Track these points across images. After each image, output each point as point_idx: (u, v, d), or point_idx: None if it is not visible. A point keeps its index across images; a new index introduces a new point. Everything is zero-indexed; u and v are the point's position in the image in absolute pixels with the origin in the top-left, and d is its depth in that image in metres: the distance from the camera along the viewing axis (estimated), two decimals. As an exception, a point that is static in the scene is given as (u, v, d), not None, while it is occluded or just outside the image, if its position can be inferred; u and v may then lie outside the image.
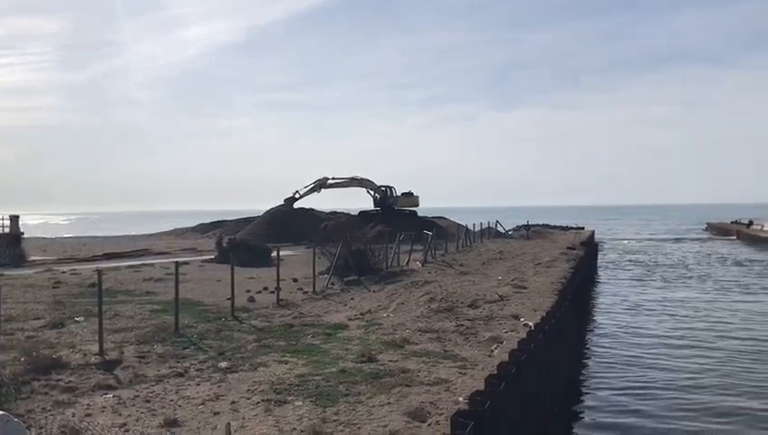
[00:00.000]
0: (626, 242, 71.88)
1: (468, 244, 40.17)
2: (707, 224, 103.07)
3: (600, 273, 41.64)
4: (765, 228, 70.49)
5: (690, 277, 37.60)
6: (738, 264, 45.39)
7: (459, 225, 46.51)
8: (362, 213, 54.29)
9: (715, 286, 33.45)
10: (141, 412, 8.05)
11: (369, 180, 58.42)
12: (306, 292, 19.56)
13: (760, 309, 26.25)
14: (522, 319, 14.69)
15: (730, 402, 13.93)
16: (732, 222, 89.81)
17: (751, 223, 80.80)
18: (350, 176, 58.37)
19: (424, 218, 53.78)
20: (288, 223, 50.78)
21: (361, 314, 15.58)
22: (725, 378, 15.72)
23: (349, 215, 48.11)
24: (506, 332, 13.39)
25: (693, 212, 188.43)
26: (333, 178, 57.50)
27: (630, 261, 48.44)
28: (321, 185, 56.81)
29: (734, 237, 75.37)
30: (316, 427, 7.36)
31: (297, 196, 56.90)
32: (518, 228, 58.35)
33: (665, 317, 24.36)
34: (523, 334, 11.78)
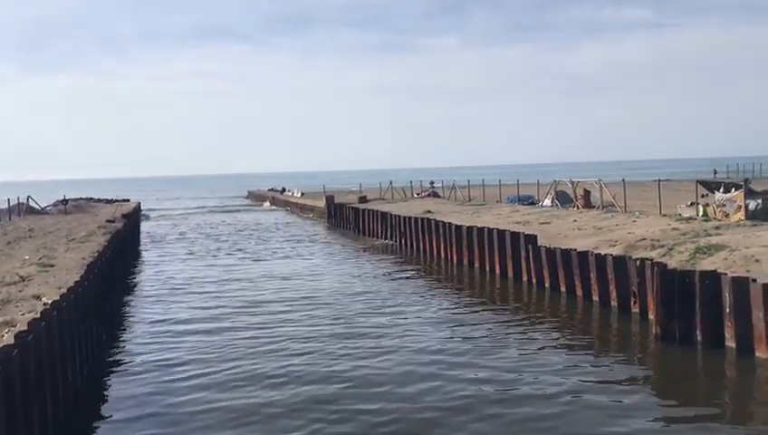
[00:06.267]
0: (176, 214, 72.97)
1: (-7, 223, 35.87)
2: (248, 192, 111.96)
3: (144, 245, 41.55)
4: (296, 194, 79.38)
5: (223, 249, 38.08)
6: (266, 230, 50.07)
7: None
8: None
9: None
10: None
11: None
12: None
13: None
14: (44, 299, 13.91)
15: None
16: (269, 190, 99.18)
17: (284, 190, 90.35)
18: None
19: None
20: None
21: None
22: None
23: None
24: (23, 314, 12.54)
25: (234, 181, 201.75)
26: None
27: (179, 234, 49.09)
28: None
29: (267, 203, 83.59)
30: None
31: None
32: (56, 203, 54.36)
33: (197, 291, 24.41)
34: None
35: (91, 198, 70.53)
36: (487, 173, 68.73)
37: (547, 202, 36.47)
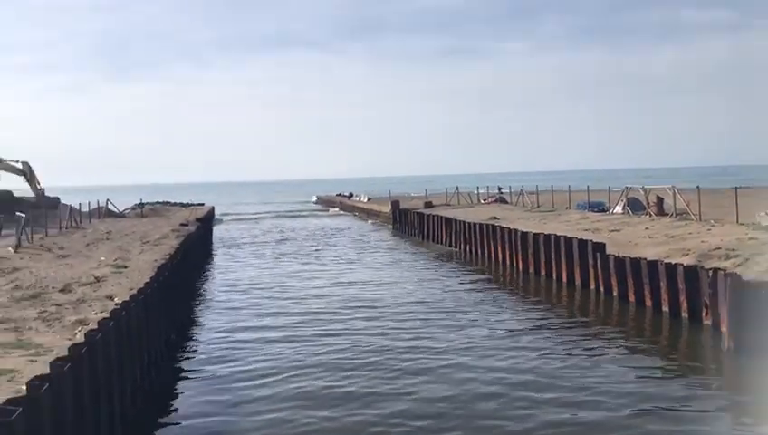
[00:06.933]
0: (247, 218, 74.62)
1: (74, 225, 37.59)
2: (317, 197, 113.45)
3: (215, 248, 42.65)
4: (362, 199, 79.97)
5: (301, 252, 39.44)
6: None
7: (72, 206, 43.15)
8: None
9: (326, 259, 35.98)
10: None
11: None
12: None
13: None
14: (116, 299, 14.46)
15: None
16: (336, 195, 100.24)
17: (351, 195, 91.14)
18: None
19: (22, 199, 48.58)
20: None
21: None
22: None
23: None
24: (96, 313, 13.07)
25: (304, 187, 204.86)
26: None
27: (249, 237, 50.12)
28: None
29: (338, 208, 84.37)
30: None
31: None
32: (134, 207, 56.51)
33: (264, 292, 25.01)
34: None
35: (168, 202, 73.03)
36: (555, 179, 67.25)
37: (618, 209, 35.53)
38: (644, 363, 14.41)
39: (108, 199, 50.24)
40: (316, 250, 38.75)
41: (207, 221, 49.63)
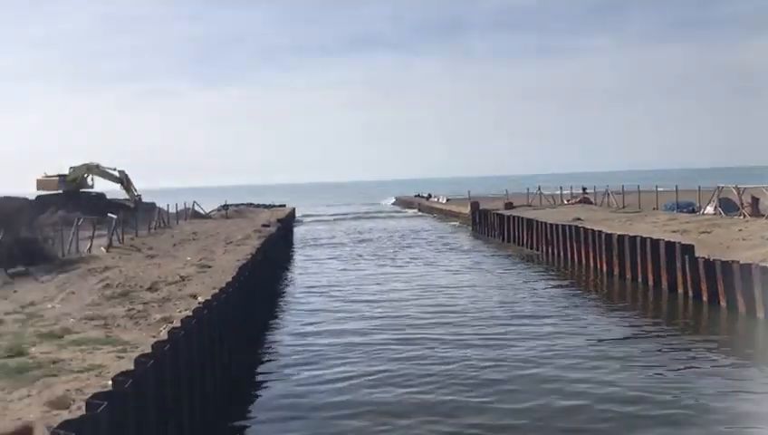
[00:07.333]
0: (327, 219, 75.65)
1: (162, 226, 39.07)
2: (395, 198, 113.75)
3: (296, 249, 43.40)
4: (441, 200, 79.66)
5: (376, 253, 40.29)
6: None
7: (161, 208, 45.00)
8: (39, 197, 49.70)
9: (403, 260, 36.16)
10: None
11: (96, 166, 54.42)
12: (-42, 289, 17.45)
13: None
14: (199, 298, 14.89)
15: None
16: (415, 196, 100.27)
17: (430, 196, 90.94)
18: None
19: (113, 201, 51.00)
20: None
21: (22, 308, 14.39)
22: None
23: (23, 200, 43.73)
24: (180, 312, 13.48)
25: (381, 188, 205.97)
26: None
27: (328, 238, 50.81)
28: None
29: (417, 209, 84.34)
30: (-69, 432, 6.77)
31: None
32: (219, 209, 58.29)
33: (341, 293, 25.26)
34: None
35: (251, 204, 74.99)
36: (642, 178, 64.91)
37: (709, 210, 33.93)
38: (741, 376, 13.60)
39: (194, 201, 52.02)
40: (394, 252, 38.82)
41: (288, 222, 50.55)
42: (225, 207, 57.59)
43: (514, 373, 14.00)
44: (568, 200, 54.18)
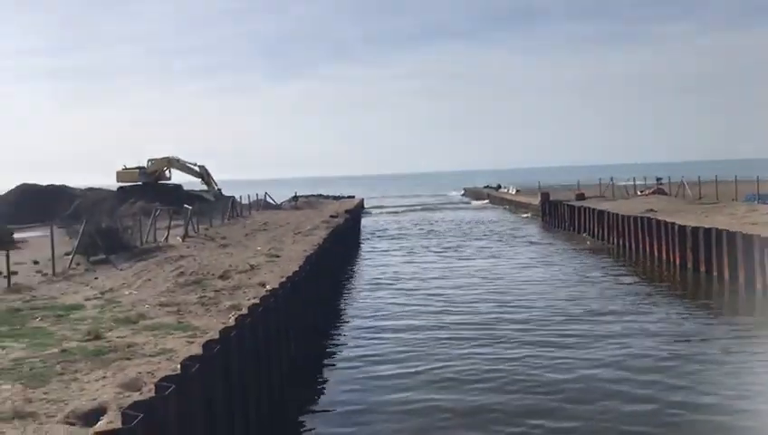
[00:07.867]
0: (394, 210, 75.93)
1: (235, 216, 40.18)
2: (464, 189, 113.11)
3: (363, 240, 43.80)
4: (510, 191, 78.71)
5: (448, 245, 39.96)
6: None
7: (234, 198, 46.31)
8: (121, 189, 51.90)
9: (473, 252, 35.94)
10: None
11: (177, 160, 57.09)
12: (45, 274, 18.49)
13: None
14: (267, 286, 15.30)
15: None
16: (484, 187, 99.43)
17: (499, 187, 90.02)
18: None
19: (189, 193, 52.77)
20: (39, 202, 46.96)
21: (101, 294, 15.16)
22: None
23: (107, 191, 45.85)
24: (249, 299, 13.90)
25: (451, 178, 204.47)
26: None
27: (396, 229, 50.98)
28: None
29: (486, 200, 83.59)
30: (18, 407, 7.26)
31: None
32: (290, 200, 59.47)
33: (406, 285, 25.24)
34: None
35: (321, 195, 76.11)
36: (719, 168, 62.14)
37: (793, 201, 32.40)
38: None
39: (266, 193, 53.23)
40: (461, 243, 38.69)
41: (357, 213, 51.05)
42: (296, 198, 58.65)
43: (581, 373, 13.58)
44: (642, 191, 52.66)
